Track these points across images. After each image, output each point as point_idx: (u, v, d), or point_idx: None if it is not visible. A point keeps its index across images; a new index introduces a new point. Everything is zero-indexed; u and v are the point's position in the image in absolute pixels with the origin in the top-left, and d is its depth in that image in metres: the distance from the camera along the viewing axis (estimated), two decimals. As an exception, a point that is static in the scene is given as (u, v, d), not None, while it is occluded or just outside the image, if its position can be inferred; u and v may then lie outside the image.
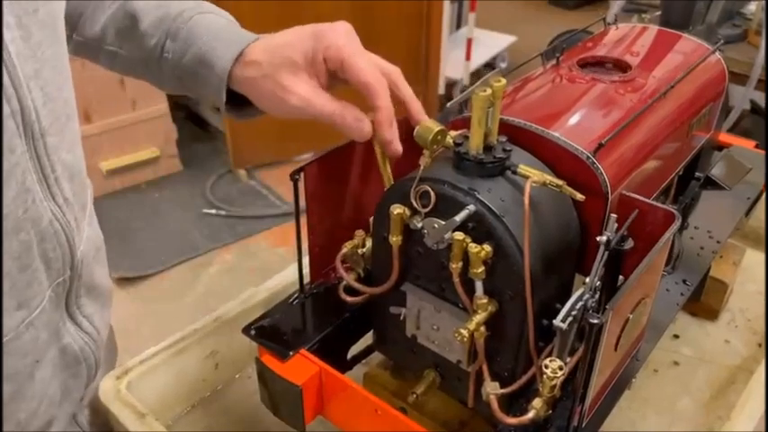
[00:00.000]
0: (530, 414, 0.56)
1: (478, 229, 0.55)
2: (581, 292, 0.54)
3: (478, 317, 0.56)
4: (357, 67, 0.58)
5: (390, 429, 0.59)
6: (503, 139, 0.59)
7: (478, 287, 0.56)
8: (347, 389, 0.62)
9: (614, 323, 0.52)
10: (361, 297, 0.68)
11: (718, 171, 0.85)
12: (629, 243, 0.55)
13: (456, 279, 0.57)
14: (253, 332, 0.67)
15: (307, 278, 0.71)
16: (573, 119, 0.66)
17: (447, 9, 3.18)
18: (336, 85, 0.62)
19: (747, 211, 0.89)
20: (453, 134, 0.60)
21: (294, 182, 0.62)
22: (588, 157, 0.60)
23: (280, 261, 2.48)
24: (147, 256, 2.51)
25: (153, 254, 2.52)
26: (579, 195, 0.56)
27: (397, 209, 0.58)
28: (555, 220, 0.59)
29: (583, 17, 4.59)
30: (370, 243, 0.67)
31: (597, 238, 0.53)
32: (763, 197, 0.94)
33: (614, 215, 0.54)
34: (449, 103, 0.65)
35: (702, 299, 0.91)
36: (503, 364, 0.60)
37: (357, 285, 0.67)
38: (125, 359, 0.76)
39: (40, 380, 0.61)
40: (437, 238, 0.57)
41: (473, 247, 0.54)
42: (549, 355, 0.57)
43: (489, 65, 3.70)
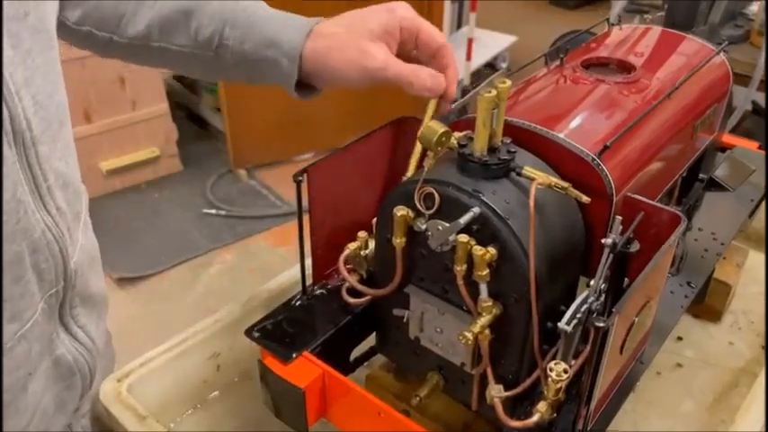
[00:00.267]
0: (534, 417, 0.55)
1: (483, 231, 0.55)
2: (586, 295, 0.54)
3: (483, 320, 0.56)
4: (434, 33, 0.66)
5: (393, 432, 0.59)
6: (507, 140, 0.58)
7: (483, 290, 0.56)
8: (350, 391, 0.62)
9: (620, 326, 0.52)
10: (364, 299, 0.67)
11: (721, 172, 0.85)
12: (634, 246, 0.55)
13: (460, 281, 0.56)
14: (255, 334, 0.67)
15: (309, 280, 0.71)
16: (577, 120, 0.65)
17: (447, 9, 3.18)
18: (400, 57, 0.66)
19: (751, 213, 0.89)
20: (458, 135, 0.59)
21: (297, 183, 0.62)
22: (593, 159, 0.59)
23: (280, 261, 2.47)
24: (147, 256, 2.51)
25: (153, 254, 2.52)
26: (585, 198, 0.55)
27: (400, 210, 0.58)
28: (560, 221, 0.59)
29: (583, 17, 4.59)
30: (372, 244, 0.67)
31: (602, 241, 0.53)
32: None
33: (619, 217, 0.54)
34: (453, 105, 0.65)
35: (705, 301, 0.91)
36: (507, 366, 0.60)
37: (360, 287, 0.66)
38: (124, 360, 0.76)
39: (32, 392, 0.60)
40: (441, 240, 0.56)
41: (477, 250, 0.54)
42: (554, 357, 0.57)
43: (490, 65, 3.70)
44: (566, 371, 0.53)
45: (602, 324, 0.47)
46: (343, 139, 0.63)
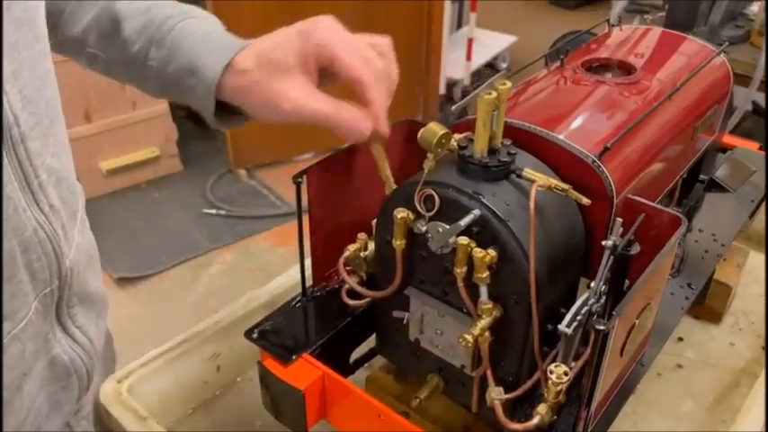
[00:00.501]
0: (534, 420, 0.55)
1: (483, 233, 0.55)
2: (586, 297, 0.54)
3: (483, 322, 0.56)
4: (346, 63, 0.57)
5: (393, 434, 0.59)
6: (507, 142, 0.58)
7: (483, 292, 0.56)
8: (350, 393, 0.62)
9: (620, 329, 0.52)
10: (364, 301, 0.67)
11: (722, 173, 0.85)
12: (635, 248, 0.54)
13: (460, 283, 0.56)
14: (255, 335, 0.67)
15: (309, 281, 0.71)
16: (578, 122, 0.65)
17: (448, 9, 3.18)
18: (327, 82, 0.61)
19: (751, 214, 0.89)
20: (458, 137, 0.59)
21: (297, 185, 0.62)
22: (594, 161, 0.59)
23: (280, 261, 2.48)
24: (147, 255, 2.51)
25: (153, 254, 2.52)
26: (585, 200, 0.55)
27: (400, 212, 0.58)
28: (560, 223, 0.59)
29: (583, 17, 4.59)
30: (372, 246, 0.67)
31: (603, 243, 0.53)
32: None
33: (620, 219, 0.54)
34: (453, 107, 0.64)
35: (706, 302, 0.91)
36: (507, 368, 0.60)
37: (360, 289, 0.66)
38: (124, 360, 0.76)
39: (27, 392, 0.59)
40: (441, 242, 0.56)
41: (478, 252, 0.54)
42: (554, 360, 0.57)
43: (490, 65, 3.70)
44: (566, 373, 0.53)
45: (602, 326, 0.47)
46: (343, 139, 0.62)
